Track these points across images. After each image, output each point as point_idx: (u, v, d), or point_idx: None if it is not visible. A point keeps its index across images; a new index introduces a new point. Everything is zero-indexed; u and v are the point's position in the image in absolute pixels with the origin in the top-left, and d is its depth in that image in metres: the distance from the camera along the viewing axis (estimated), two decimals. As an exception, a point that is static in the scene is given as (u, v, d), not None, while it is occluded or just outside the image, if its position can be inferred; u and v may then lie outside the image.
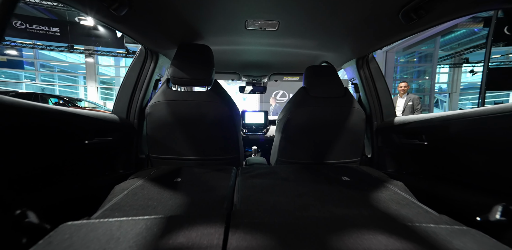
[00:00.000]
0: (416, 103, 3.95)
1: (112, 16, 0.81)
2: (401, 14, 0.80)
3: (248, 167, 1.06)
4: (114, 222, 0.49)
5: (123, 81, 1.19)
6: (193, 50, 1.09)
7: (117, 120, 1.07)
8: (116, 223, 0.49)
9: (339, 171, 1.00)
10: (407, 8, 0.77)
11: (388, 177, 0.95)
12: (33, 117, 0.66)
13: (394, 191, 0.77)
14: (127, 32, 0.97)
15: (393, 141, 1.16)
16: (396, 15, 0.82)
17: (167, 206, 0.62)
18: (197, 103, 1.06)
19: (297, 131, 1.15)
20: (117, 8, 0.74)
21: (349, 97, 1.17)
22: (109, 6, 0.73)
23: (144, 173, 0.92)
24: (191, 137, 1.11)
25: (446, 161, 0.91)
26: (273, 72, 1.87)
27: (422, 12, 0.75)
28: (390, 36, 1.01)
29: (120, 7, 0.75)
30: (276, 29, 1.03)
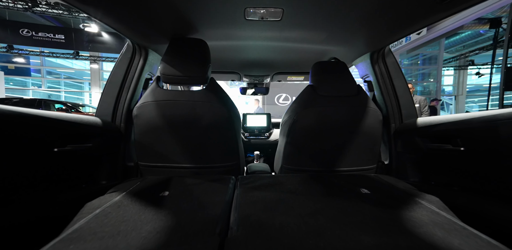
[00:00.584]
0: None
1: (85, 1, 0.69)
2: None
3: (249, 176, 0.90)
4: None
5: (108, 80, 1.06)
6: (186, 45, 0.96)
7: (99, 124, 0.94)
8: None
9: (356, 182, 0.84)
10: None
11: (417, 190, 0.78)
12: None
13: (432, 210, 0.60)
14: (108, 22, 0.84)
15: (416, 145, 0.99)
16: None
17: (142, 232, 0.47)
18: (191, 104, 0.92)
19: (304, 135, 1.00)
20: None
21: (364, 96, 1.02)
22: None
23: (126, 186, 0.77)
24: (185, 142, 0.96)
25: (492, 171, 0.74)
26: (276, 71, 1.73)
27: None
28: (418, 20, 0.83)
29: None
30: (279, 19, 0.89)
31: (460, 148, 0.80)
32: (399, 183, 0.84)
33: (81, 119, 0.85)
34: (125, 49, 1.07)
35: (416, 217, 0.56)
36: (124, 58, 1.06)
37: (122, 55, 1.07)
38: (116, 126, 1.04)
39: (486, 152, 0.74)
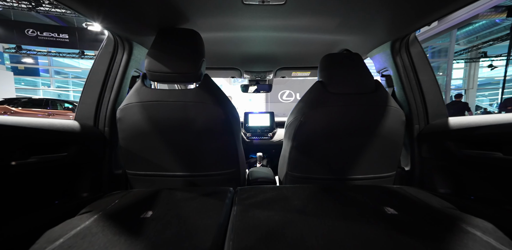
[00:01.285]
0: None
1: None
2: None
3: (250, 188, 0.76)
4: None
5: (88, 78, 0.92)
6: (176, 36, 0.81)
7: (77, 129, 0.81)
8: None
9: (377, 196, 0.69)
10: None
11: (457, 210, 0.62)
12: None
13: (489, 244, 0.45)
14: (78, 8, 0.70)
15: (447, 151, 0.82)
16: None
17: None
18: (182, 105, 0.78)
19: (312, 138, 0.84)
20: None
21: (383, 93, 0.85)
22: None
23: (103, 203, 0.64)
24: (176, 148, 0.83)
25: None
26: (280, 66, 1.56)
27: None
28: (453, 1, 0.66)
29: None
30: (283, 2, 0.73)
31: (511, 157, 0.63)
32: (433, 199, 0.68)
33: (52, 125, 0.72)
34: (105, 42, 0.92)
35: None
36: (105, 53, 0.92)
37: (102, 49, 0.92)
38: (99, 130, 0.91)
39: None
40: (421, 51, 0.97)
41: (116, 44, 0.93)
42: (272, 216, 0.56)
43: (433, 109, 0.95)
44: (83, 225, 0.52)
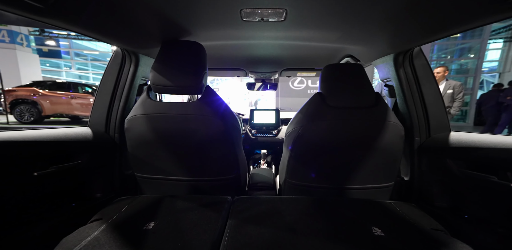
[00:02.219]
0: (457, 91, 3.25)
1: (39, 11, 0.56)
2: None
3: (246, 200, 0.82)
4: None
5: (99, 88, 0.97)
6: (179, 49, 0.81)
7: (89, 138, 0.88)
8: None
9: (368, 214, 0.71)
10: None
11: (444, 233, 0.63)
12: None
13: None
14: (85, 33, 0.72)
15: (447, 168, 0.81)
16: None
17: None
18: (183, 117, 0.82)
19: (310, 150, 0.86)
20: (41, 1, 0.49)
21: (383, 107, 0.82)
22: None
23: (111, 212, 0.72)
24: (179, 155, 0.89)
25: None
26: (285, 67, 1.51)
27: None
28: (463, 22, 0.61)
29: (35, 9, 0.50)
30: (283, 19, 0.70)
31: (510, 184, 0.62)
32: (421, 219, 0.70)
33: (68, 136, 0.80)
34: (113, 55, 0.96)
35: None
36: (114, 64, 0.96)
37: (111, 61, 0.96)
38: (110, 136, 0.98)
39: None
40: (426, 64, 0.91)
41: (123, 57, 0.96)
42: (263, 234, 0.60)
43: (436, 122, 0.91)
44: (93, 235, 0.60)
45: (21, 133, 0.70)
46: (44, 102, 6.32)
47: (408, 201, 0.92)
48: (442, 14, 0.60)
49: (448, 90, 3.26)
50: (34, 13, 0.56)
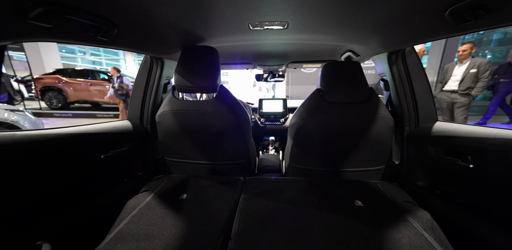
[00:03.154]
0: (482, 69, 3.03)
1: (103, 42, 0.75)
2: (448, 13, 0.55)
3: (255, 180, 1.04)
4: None
5: (133, 88, 1.19)
6: (197, 54, 0.98)
7: (130, 129, 1.12)
8: None
9: (354, 191, 0.90)
10: (459, 6, 0.52)
11: (413, 204, 0.82)
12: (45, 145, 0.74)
13: (416, 231, 0.66)
14: (125, 49, 0.91)
15: (428, 153, 0.97)
16: (442, 14, 0.56)
17: (163, 238, 0.66)
18: (202, 113, 1.02)
19: (310, 139, 1.04)
20: (104, 35, 0.68)
21: (374, 102, 0.96)
22: (96, 35, 0.67)
23: (154, 185, 0.98)
24: (200, 144, 1.11)
25: (494, 195, 0.73)
26: (291, 60, 1.62)
27: (481, 13, 0.51)
28: (432, 35, 0.75)
29: (107, 34, 0.68)
30: (285, 27, 0.83)
31: (469, 165, 0.78)
32: (397, 194, 0.88)
33: (117, 128, 1.05)
34: (143, 61, 1.16)
35: (398, 239, 0.63)
36: (144, 68, 1.17)
37: (141, 66, 1.17)
38: (144, 127, 1.22)
39: (495, 175, 0.72)
40: (417, 61, 1.01)
41: (151, 62, 1.16)
42: (268, 204, 0.81)
43: (424, 113, 1.04)
44: (145, 201, 0.85)
45: (91, 126, 0.95)
46: (68, 89, 6.82)
47: (396, 181, 1.11)
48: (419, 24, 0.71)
49: (471, 70, 3.10)
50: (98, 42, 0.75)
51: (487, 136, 0.73)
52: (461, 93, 3.16)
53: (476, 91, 3.12)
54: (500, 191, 0.72)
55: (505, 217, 0.70)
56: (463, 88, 3.13)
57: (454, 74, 3.20)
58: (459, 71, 3.16)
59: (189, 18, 0.76)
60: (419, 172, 1.06)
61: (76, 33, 0.65)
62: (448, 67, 3.30)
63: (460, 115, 3.21)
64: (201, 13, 0.72)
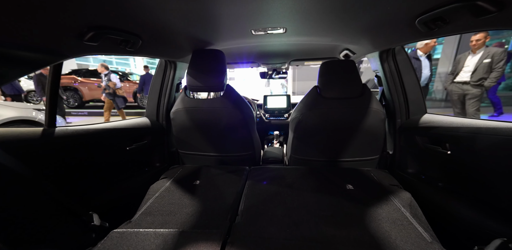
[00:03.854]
0: (497, 59, 2.94)
1: (130, 52, 0.91)
2: (417, 22, 0.66)
3: (260, 168, 1.17)
4: (144, 233, 0.70)
5: (150, 88, 1.36)
6: (205, 56, 1.11)
7: (149, 125, 1.29)
8: (144, 235, 0.70)
9: (347, 177, 1.02)
10: (424, 17, 0.62)
11: (398, 187, 0.93)
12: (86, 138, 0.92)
13: (395, 207, 0.78)
14: (145, 56, 1.07)
15: (416, 143, 1.07)
16: (413, 22, 0.67)
17: (183, 213, 0.81)
18: (211, 110, 1.16)
19: (308, 132, 1.16)
20: (132, 46, 0.83)
21: (367, 97, 1.06)
22: (126, 47, 0.82)
23: (172, 173, 1.14)
24: (210, 138, 1.26)
25: (466, 176, 0.84)
26: (293, 58, 1.72)
27: (440, 23, 0.63)
28: (409, 38, 0.86)
29: (134, 45, 0.83)
30: (284, 32, 0.95)
31: (447, 152, 0.89)
32: (386, 179, 1.00)
33: (138, 124, 1.22)
34: (158, 65, 1.33)
35: (378, 213, 0.75)
36: (159, 71, 1.34)
37: (157, 69, 1.34)
38: (160, 123, 1.39)
39: (466, 159, 0.83)
40: (406, 58, 1.11)
41: (166, 65, 1.32)
42: (270, 188, 0.94)
43: (414, 106, 1.13)
44: (165, 186, 1.01)
45: (118, 123, 1.12)
46: (83, 89, 7.21)
47: (389, 169, 1.21)
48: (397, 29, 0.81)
49: (485, 60, 3.03)
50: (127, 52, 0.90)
51: (461, 125, 0.83)
52: (473, 85, 3.12)
53: (489, 82, 3.06)
54: (468, 172, 0.83)
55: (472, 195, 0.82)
56: (475, 79, 3.09)
57: (466, 65, 3.15)
58: (471, 61, 3.11)
59: (199, 27, 0.89)
60: (408, 160, 1.16)
61: (112, 47, 0.80)
62: (460, 58, 3.26)
63: (471, 107, 3.18)
64: (209, 23, 0.84)
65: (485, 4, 0.50)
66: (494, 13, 0.51)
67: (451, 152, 0.88)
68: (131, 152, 1.14)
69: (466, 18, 0.58)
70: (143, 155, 1.29)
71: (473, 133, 0.78)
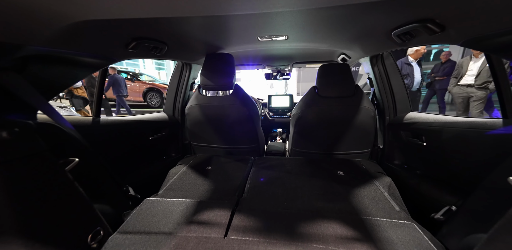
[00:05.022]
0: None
1: (157, 56, 1.13)
2: (393, 34, 0.85)
3: (263, 158, 1.37)
4: (171, 202, 0.91)
5: (168, 87, 1.58)
6: (217, 59, 1.32)
7: (166, 119, 1.51)
8: (170, 202, 0.90)
9: (339, 166, 1.20)
10: (397, 31, 0.82)
11: (382, 173, 1.12)
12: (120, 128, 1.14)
13: (376, 188, 0.97)
14: (168, 59, 1.30)
15: (401, 137, 1.24)
16: (390, 34, 0.87)
17: (199, 191, 1.01)
18: (221, 106, 1.36)
19: (307, 127, 1.34)
20: (160, 51, 1.05)
21: (359, 96, 1.24)
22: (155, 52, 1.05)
23: (186, 161, 1.34)
24: (219, 131, 1.46)
25: (435, 162, 1.02)
26: (295, 61, 1.92)
27: (409, 37, 0.82)
28: (389, 46, 1.05)
29: (161, 50, 1.05)
30: (286, 38, 1.15)
31: (423, 143, 1.06)
32: (373, 167, 1.18)
33: (158, 118, 1.44)
34: (176, 66, 1.56)
35: (360, 192, 0.94)
36: (176, 72, 1.56)
37: (175, 70, 1.57)
38: (176, 118, 1.61)
39: (436, 148, 1.01)
40: (393, 63, 1.29)
41: (182, 67, 1.54)
42: (271, 174, 1.14)
43: (400, 105, 1.31)
44: (182, 170, 1.22)
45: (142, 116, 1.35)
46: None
47: (379, 161, 1.39)
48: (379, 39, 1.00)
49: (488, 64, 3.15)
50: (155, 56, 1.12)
51: (434, 121, 1.01)
52: (478, 87, 3.23)
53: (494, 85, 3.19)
54: (436, 159, 1.01)
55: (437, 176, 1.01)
56: (479, 83, 3.21)
57: (470, 69, 3.28)
58: (474, 66, 3.24)
59: (213, 34, 1.10)
60: (395, 152, 1.34)
61: (146, 53, 1.02)
62: (462, 62, 3.39)
63: (475, 109, 3.29)
64: (222, 31, 1.04)
65: (432, 26, 0.69)
66: (439, 32, 0.70)
67: (426, 143, 1.05)
68: (152, 141, 1.36)
69: (424, 34, 0.76)
70: (162, 144, 1.51)
71: (441, 127, 0.97)
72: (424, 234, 0.69)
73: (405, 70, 3.41)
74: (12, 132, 0.58)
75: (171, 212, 0.84)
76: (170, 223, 0.78)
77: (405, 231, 0.70)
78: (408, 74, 3.42)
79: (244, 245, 0.66)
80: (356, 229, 0.71)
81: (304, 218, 0.78)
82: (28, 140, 0.64)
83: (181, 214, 0.83)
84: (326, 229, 0.72)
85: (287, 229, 0.73)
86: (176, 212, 0.84)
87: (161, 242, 0.68)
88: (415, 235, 0.69)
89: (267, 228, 0.73)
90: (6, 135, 0.57)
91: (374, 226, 0.73)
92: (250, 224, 0.75)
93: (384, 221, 0.75)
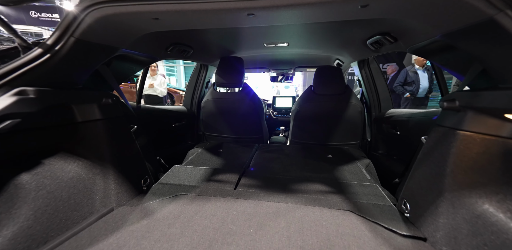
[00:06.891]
0: None
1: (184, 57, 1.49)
2: (368, 43, 1.17)
3: (266, 145, 1.67)
4: (193, 168, 1.21)
5: (188, 84, 1.96)
6: (230, 61, 1.64)
7: (185, 111, 1.86)
8: (193, 169, 1.20)
9: (330, 151, 1.49)
10: (370, 41, 1.13)
11: (364, 157, 1.40)
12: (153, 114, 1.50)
13: (356, 165, 1.25)
14: (191, 60, 1.67)
15: (383, 130, 1.52)
16: (365, 43, 1.19)
17: (214, 164, 1.31)
18: (232, 100, 1.68)
19: (305, 120, 1.64)
20: (186, 54, 1.40)
21: (348, 94, 1.54)
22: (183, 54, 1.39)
23: (202, 145, 1.67)
24: (230, 123, 1.78)
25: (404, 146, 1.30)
26: (297, 65, 2.28)
27: (379, 45, 1.13)
28: (368, 54, 1.37)
29: (188, 53, 1.40)
30: (287, 45, 1.48)
31: (398, 132, 1.34)
32: (357, 153, 1.46)
33: (180, 109, 1.80)
34: (195, 67, 1.93)
35: (342, 167, 1.22)
36: (195, 72, 1.93)
37: (194, 70, 1.94)
38: (193, 111, 1.95)
39: (405, 136, 1.28)
40: (377, 67, 1.61)
41: (200, 67, 1.90)
42: (272, 155, 1.43)
43: (384, 103, 1.60)
44: (198, 151, 1.53)
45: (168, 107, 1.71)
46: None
47: (367, 151, 1.66)
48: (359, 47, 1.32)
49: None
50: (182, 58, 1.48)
51: (404, 114, 1.30)
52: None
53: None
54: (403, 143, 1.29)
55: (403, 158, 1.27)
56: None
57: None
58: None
59: (226, 41, 1.44)
60: (379, 143, 1.62)
61: (177, 54, 1.37)
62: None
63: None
64: (234, 39, 1.38)
65: (389, 38, 1.00)
66: (393, 42, 1.01)
67: (400, 132, 1.33)
68: (175, 128, 1.70)
69: (387, 44, 1.07)
70: (181, 131, 1.85)
71: (408, 117, 1.26)
72: (382, 190, 0.97)
73: (410, 78, 3.58)
74: (112, 99, 0.93)
75: (194, 174, 1.15)
76: (194, 180, 1.09)
77: (368, 188, 0.98)
78: (413, 82, 3.57)
79: (249, 194, 0.95)
80: (333, 187, 1.00)
81: (295, 181, 1.06)
82: (117, 107, 0.99)
83: (201, 175, 1.14)
84: (311, 187, 1.01)
85: (282, 187, 1.01)
86: (198, 174, 1.15)
87: (189, 189, 0.99)
88: (375, 191, 0.96)
89: (267, 186, 1.02)
90: (110, 101, 0.92)
91: (347, 185, 1.01)
92: (254, 183, 1.04)
93: (355, 183, 1.03)
